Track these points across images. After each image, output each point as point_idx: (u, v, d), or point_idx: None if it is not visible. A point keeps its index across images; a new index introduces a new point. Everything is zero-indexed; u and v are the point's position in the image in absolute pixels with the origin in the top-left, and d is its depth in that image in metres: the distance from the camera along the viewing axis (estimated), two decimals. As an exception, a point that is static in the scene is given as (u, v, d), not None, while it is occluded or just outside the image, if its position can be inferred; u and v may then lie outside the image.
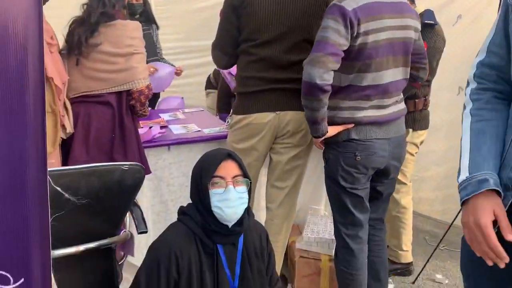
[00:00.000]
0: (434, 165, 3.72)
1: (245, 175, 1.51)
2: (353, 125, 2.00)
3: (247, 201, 1.51)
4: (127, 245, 1.99)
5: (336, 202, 2.15)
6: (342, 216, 2.14)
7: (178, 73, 3.81)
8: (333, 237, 2.68)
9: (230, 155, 1.50)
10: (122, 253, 2.11)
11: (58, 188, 1.27)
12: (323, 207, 3.21)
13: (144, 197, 2.57)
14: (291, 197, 2.44)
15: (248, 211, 1.55)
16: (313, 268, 2.67)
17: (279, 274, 2.56)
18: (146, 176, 2.59)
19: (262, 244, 1.63)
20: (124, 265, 2.39)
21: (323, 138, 2.05)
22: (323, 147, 2.16)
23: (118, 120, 2.25)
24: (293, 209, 2.49)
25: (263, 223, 2.29)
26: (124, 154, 2.22)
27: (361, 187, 2.07)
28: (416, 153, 2.89)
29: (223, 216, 1.46)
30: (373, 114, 2.01)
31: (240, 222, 1.51)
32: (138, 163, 1.64)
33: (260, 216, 2.65)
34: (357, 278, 2.15)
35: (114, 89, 2.23)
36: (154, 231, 2.58)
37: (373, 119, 2.01)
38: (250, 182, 1.53)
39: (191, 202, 1.57)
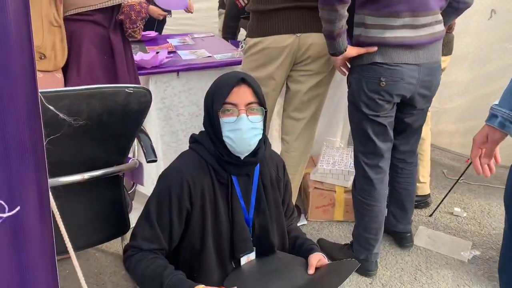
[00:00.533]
0: (457, 96, 3.52)
1: (260, 102, 1.37)
2: (376, 48, 1.81)
3: (261, 131, 1.38)
4: (136, 173, 1.92)
5: (357, 130, 2.02)
6: (363, 144, 2.02)
7: (189, 11, 3.55)
8: (349, 169, 2.61)
9: (244, 80, 1.34)
10: (132, 182, 2.05)
11: (51, 107, 1.14)
12: (339, 139, 3.10)
13: (153, 127, 2.47)
14: (309, 128, 2.29)
15: (264, 140, 1.43)
16: (327, 200, 2.61)
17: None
18: (155, 104, 2.49)
19: (279, 174, 1.53)
20: (135, 195, 2.35)
21: (341, 57, 1.88)
22: (346, 72, 1.99)
23: (109, 40, 2.10)
24: (311, 141, 2.34)
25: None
26: (115, 77, 2.08)
27: (385, 114, 1.92)
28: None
29: (234, 148, 1.34)
30: (403, 35, 1.79)
31: (254, 153, 1.39)
32: (144, 86, 1.51)
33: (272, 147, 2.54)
34: (374, 209, 2.07)
35: (106, 4, 2.04)
36: (165, 161, 2.51)
37: (403, 41, 1.79)
38: (266, 111, 1.39)
39: (203, 130, 1.45)
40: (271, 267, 1.43)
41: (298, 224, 2.56)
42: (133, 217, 1.55)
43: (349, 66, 1.97)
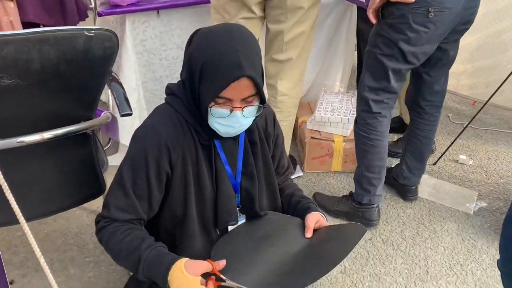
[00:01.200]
0: (467, 33, 3.25)
1: (260, 94, 1.13)
2: None
3: (253, 120, 1.18)
4: (111, 128, 1.73)
5: (375, 65, 1.83)
6: (376, 80, 1.85)
7: None
8: (349, 117, 2.41)
9: (246, 72, 1.04)
10: (109, 138, 1.86)
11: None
12: (339, 83, 2.88)
13: (134, 74, 2.24)
14: (296, 69, 2.05)
15: None
16: (325, 150, 2.44)
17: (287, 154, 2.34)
18: (133, 48, 2.25)
19: (267, 129, 1.33)
20: (119, 150, 2.17)
21: None
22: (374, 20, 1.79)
23: None
24: (299, 84, 2.12)
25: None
26: (62, 16, 1.83)
27: (420, 54, 1.75)
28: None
29: (220, 133, 1.15)
30: None
31: None
32: (108, 28, 1.27)
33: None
34: (377, 144, 1.94)
35: None
36: (149, 111, 2.31)
37: None
38: (264, 106, 1.16)
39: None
40: (263, 232, 1.27)
41: (294, 176, 2.41)
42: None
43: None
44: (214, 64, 1.05)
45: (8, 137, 1.22)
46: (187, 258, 1.06)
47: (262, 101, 1.14)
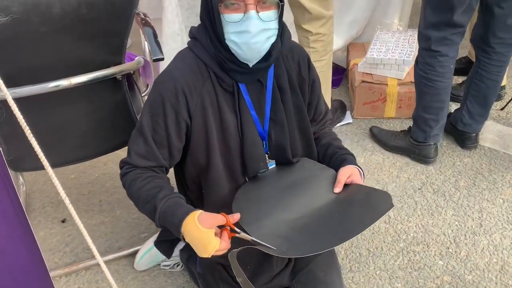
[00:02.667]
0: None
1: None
2: None
3: (276, 32, 1.08)
4: (147, 73, 1.73)
5: None
6: (437, 12, 1.72)
7: None
8: (405, 58, 2.23)
9: None
10: (147, 83, 1.87)
11: None
12: (397, 21, 2.64)
13: (176, 17, 2.19)
14: (324, 6, 1.87)
15: (281, 34, 1.13)
16: (377, 94, 2.28)
17: (330, 101, 2.22)
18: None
19: (301, 73, 1.24)
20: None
21: None
22: None
23: None
24: (330, 18, 1.92)
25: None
26: None
27: None
28: None
29: (240, 54, 1.06)
30: None
31: (267, 56, 1.11)
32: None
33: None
34: (437, 86, 1.84)
35: None
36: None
37: None
38: (282, 5, 1.07)
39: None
40: (290, 179, 1.23)
41: (343, 123, 2.31)
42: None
43: None
44: None
45: (37, 83, 1.25)
46: (201, 211, 1.04)
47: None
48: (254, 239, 1.00)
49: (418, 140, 1.99)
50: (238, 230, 1.02)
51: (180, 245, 1.45)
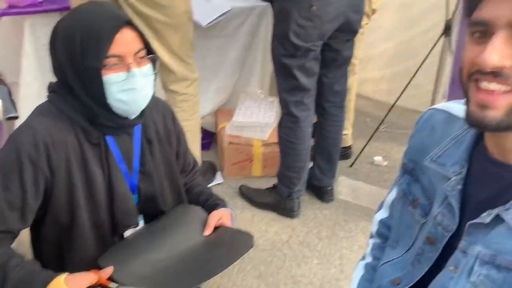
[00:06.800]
0: (382, 42, 3.41)
1: (148, 47, 1.09)
2: None
3: (153, 83, 1.12)
4: None
5: (280, 65, 1.94)
6: (286, 80, 1.96)
7: None
8: (267, 121, 2.42)
9: (128, 22, 1.04)
10: None
11: None
12: (258, 89, 2.88)
13: (35, 80, 2.09)
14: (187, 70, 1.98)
15: None
16: (244, 155, 2.42)
17: (200, 162, 2.28)
18: (37, 54, 2.10)
19: (167, 126, 1.28)
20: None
21: None
22: None
23: None
24: (194, 82, 2.03)
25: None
26: None
27: (313, 46, 1.85)
28: (366, 24, 2.53)
29: (126, 110, 1.07)
30: None
31: (142, 110, 1.13)
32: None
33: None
34: (298, 148, 2.04)
35: None
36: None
37: None
38: (156, 59, 1.11)
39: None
40: (161, 224, 1.22)
41: (214, 183, 2.38)
42: None
43: None
44: (93, 27, 1.02)
45: None
46: (67, 273, 0.97)
47: (150, 52, 1.10)
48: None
49: (283, 195, 2.14)
50: (114, 286, 0.97)
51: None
